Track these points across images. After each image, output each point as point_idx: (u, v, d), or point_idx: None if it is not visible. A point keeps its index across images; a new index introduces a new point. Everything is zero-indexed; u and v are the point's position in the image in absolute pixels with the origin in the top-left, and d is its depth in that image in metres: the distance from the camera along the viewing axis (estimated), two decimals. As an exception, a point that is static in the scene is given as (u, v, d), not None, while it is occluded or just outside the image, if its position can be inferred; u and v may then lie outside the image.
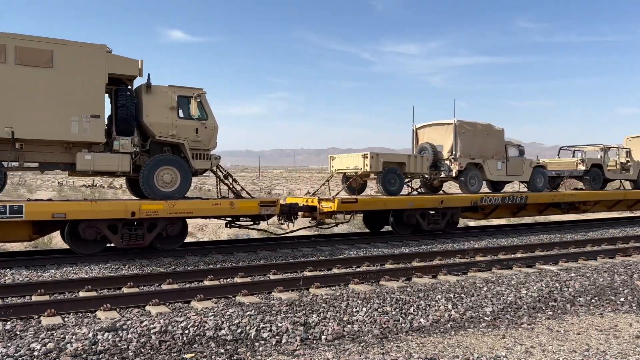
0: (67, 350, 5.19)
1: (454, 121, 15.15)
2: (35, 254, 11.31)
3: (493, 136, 15.85)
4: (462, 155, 15.10)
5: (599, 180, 18.66)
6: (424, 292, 7.51)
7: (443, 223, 14.17)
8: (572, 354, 5.43)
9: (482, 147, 15.61)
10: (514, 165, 16.22)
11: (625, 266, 9.77)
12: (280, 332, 5.86)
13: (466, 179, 15.15)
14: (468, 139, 15.24)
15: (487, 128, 15.80)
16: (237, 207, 11.19)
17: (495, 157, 15.77)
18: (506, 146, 16.12)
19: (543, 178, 16.94)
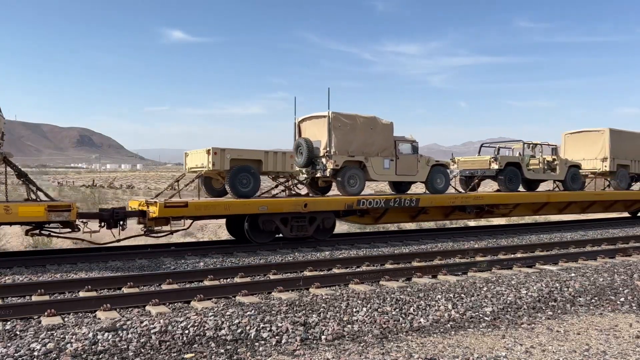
0: (67, 350, 5.19)
1: (327, 113, 13.23)
2: (35, 254, 11.31)
3: (378, 131, 13.85)
4: (338, 151, 13.15)
5: (517, 181, 16.64)
6: (424, 292, 7.51)
7: (311, 229, 12.34)
8: (572, 354, 5.43)
9: (364, 143, 13.61)
10: (406, 163, 14.27)
11: (625, 266, 9.77)
12: (280, 332, 5.86)
13: (344, 179, 13.21)
14: (345, 133, 13.33)
15: (371, 121, 13.81)
16: (15, 213, 9.39)
17: (381, 154, 13.84)
18: (396, 142, 14.17)
19: (444, 178, 14.99)
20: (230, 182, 11.65)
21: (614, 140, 18.66)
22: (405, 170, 14.29)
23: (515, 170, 16.60)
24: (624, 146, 19.04)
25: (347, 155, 13.32)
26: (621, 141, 18.89)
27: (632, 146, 19.51)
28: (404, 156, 14.29)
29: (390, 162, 14.04)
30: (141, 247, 12.33)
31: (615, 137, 18.72)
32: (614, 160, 18.66)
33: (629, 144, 19.30)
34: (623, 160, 19.07)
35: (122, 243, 11.38)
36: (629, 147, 19.28)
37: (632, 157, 19.51)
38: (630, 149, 19.33)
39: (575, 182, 17.75)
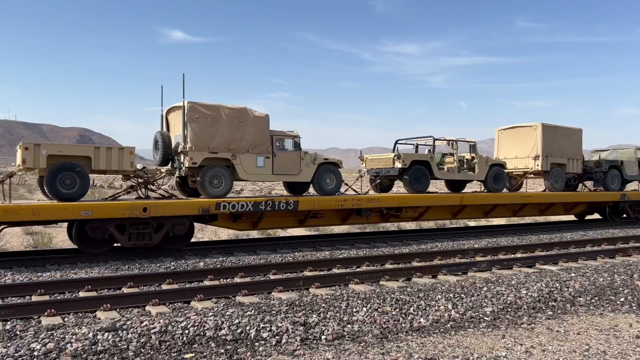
0: (67, 350, 5.19)
1: (183, 103, 11.60)
2: (35, 254, 11.30)
3: (249, 124, 12.18)
4: (195, 147, 11.47)
5: (425, 181, 14.69)
6: (424, 292, 7.51)
7: (157, 237, 10.70)
8: (572, 354, 5.43)
9: (231, 137, 11.96)
10: (286, 161, 12.57)
11: (625, 266, 9.77)
12: (280, 332, 5.86)
13: (204, 179, 11.49)
14: (206, 126, 11.62)
15: (240, 113, 12.13)
16: None
17: (253, 150, 12.18)
18: (273, 137, 12.52)
19: (334, 178, 13.23)
20: (48, 183, 9.99)
21: (548, 136, 16.75)
22: (284, 169, 12.59)
23: (423, 169, 14.62)
24: (560, 143, 17.13)
25: (207, 152, 11.61)
26: (556, 137, 17.03)
27: (570, 143, 17.50)
28: (283, 153, 12.63)
29: (266, 159, 12.33)
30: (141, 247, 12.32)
31: (548, 133, 16.81)
32: (547, 159, 16.69)
33: (565, 141, 17.36)
34: (558, 158, 17.07)
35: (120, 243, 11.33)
36: (565, 144, 17.32)
37: (570, 155, 17.44)
38: (567, 146, 17.36)
39: (497, 182, 15.83)
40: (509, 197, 16.29)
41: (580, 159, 17.73)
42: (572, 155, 17.49)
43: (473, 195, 15.52)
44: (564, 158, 17.29)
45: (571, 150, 17.47)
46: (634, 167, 19.08)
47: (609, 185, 18.02)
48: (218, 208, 11.17)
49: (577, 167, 17.61)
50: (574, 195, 17.73)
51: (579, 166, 17.66)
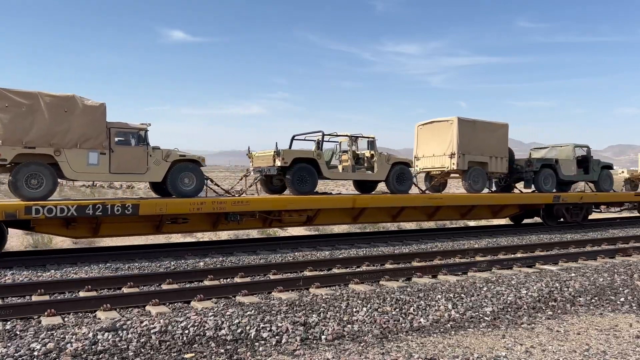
0: (67, 350, 5.19)
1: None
2: (35, 254, 11.31)
3: (78, 115, 10.51)
4: (5, 142, 9.89)
5: (311, 181, 12.97)
6: (424, 292, 7.51)
7: None
8: (572, 354, 5.43)
9: (54, 130, 10.27)
10: (127, 158, 11.03)
11: (625, 266, 9.77)
12: (280, 332, 5.86)
13: (17, 178, 9.96)
14: (18, 117, 10.02)
15: (65, 102, 10.47)
16: None
17: (83, 145, 10.53)
18: (110, 130, 10.87)
19: (194, 178, 11.71)
20: None
21: (465, 132, 15.06)
22: (126, 167, 11.08)
23: (308, 168, 12.94)
24: (480, 140, 15.38)
25: (21, 147, 10.02)
26: (476, 133, 15.33)
27: (493, 139, 15.73)
28: (123, 148, 11.06)
29: (100, 156, 10.76)
30: (141, 247, 12.34)
31: (466, 128, 15.10)
32: (465, 157, 14.99)
33: (487, 137, 15.59)
34: (478, 156, 15.32)
35: (121, 243, 11.32)
36: (487, 141, 15.55)
37: (493, 152, 15.69)
38: (489, 142, 15.61)
39: (401, 183, 14.29)
40: (413, 199, 14.35)
41: (506, 157, 16.00)
42: (495, 152, 15.73)
43: (369, 197, 13.79)
44: (485, 156, 15.49)
45: (494, 148, 15.72)
46: (572, 166, 17.44)
47: (541, 186, 16.55)
48: (29, 212, 9.57)
49: (501, 166, 15.88)
50: (497, 197, 16.08)
51: (503, 165, 15.94)
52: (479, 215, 16.61)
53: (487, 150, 15.58)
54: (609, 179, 18.54)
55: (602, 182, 18.34)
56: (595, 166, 18.18)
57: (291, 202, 12.60)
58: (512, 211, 17.10)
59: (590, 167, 18.04)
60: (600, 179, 18.32)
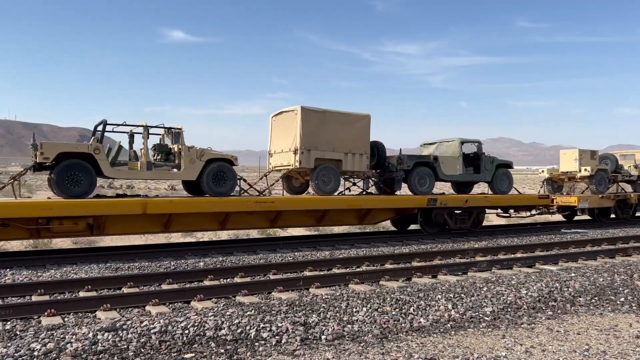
0: (67, 350, 5.19)
1: None
2: (35, 254, 11.31)
3: None
4: None
5: (85, 182, 10.64)
6: (424, 292, 7.51)
7: None
8: (572, 354, 5.43)
9: None
10: None
11: (625, 266, 9.77)
12: (280, 332, 5.86)
13: None
14: None
15: None
16: None
17: None
18: None
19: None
20: None
21: (311, 124, 12.93)
22: None
23: (82, 165, 10.67)
24: (331, 133, 13.25)
25: None
26: (325, 126, 13.18)
27: (348, 133, 13.48)
28: None
29: None
30: (141, 247, 12.35)
31: (312, 120, 12.96)
32: (310, 153, 12.86)
33: (340, 130, 13.38)
34: (328, 152, 13.17)
35: (121, 243, 11.28)
36: (340, 135, 13.37)
37: (348, 148, 13.44)
38: (343, 137, 13.40)
39: (220, 183, 11.93)
40: (235, 203, 11.86)
41: (367, 153, 13.76)
42: (352, 148, 13.49)
43: (168, 201, 11.23)
44: (339, 152, 13.29)
45: (351, 143, 13.50)
46: (456, 165, 15.13)
47: (415, 187, 14.35)
48: None
49: (360, 164, 13.60)
50: (354, 200, 13.51)
51: (363, 163, 13.66)
52: (340, 220, 14.18)
53: (341, 146, 13.35)
54: (506, 179, 16.16)
55: (497, 182, 15.93)
56: (488, 164, 15.83)
57: (53, 208, 10.07)
58: (385, 215, 14.64)
59: (481, 166, 15.66)
60: (496, 180, 15.93)
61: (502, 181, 16.05)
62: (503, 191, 16.05)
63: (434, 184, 14.75)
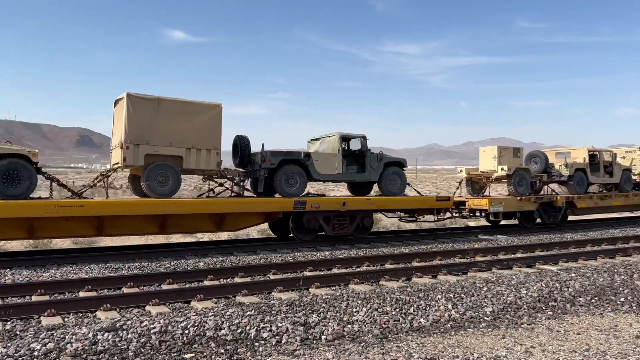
0: (67, 350, 5.19)
1: None
2: (35, 254, 11.31)
3: None
4: None
5: None
6: (424, 292, 7.51)
7: None
8: (572, 354, 5.43)
9: None
10: None
11: (625, 266, 9.77)
12: (280, 332, 5.86)
13: None
14: None
15: None
16: None
17: None
18: None
19: None
20: None
21: (141, 114, 11.14)
22: None
23: None
24: (168, 125, 11.42)
25: None
26: (160, 117, 11.34)
27: (191, 126, 11.70)
28: None
29: None
30: (141, 247, 12.35)
31: (143, 110, 11.18)
32: (139, 148, 11.08)
33: (181, 123, 11.58)
34: (164, 147, 11.36)
35: (121, 243, 11.28)
36: (181, 128, 11.57)
37: (192, 143, 11.64)
38: (184, 130, 11.59)
39: (12, 184, 10.12)
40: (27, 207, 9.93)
41: (217, 149, 12.03)
42: (197, 143, 11.71)
43: None
44: (179, 147, 11.51)
45: (196, 137, 11.71)
46: (334, 163, 13.44)
47: (281, 188, 12.64)
48: None
49: (208, 162, 11.85)
50: (197, 204, 11.64)
51: (212, 160, 11.88)
52: (192, 226, 12.11)
53: (182, 140, 11.58)
54: (397, 179, 14.30)
55: (386, 183, 14.16)
56: (375, 162, 14.03)
57: None
58: (251, 220, 12.75)
59: (366, 164, 13.92)
60: (384, 180, 14.13)
61: (392, 181, 14.22)
62: (394, 192, 14.21)
63: (305, 184, 13.01)
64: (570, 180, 17.64)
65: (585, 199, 17.80)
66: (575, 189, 17.61)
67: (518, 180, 16.31)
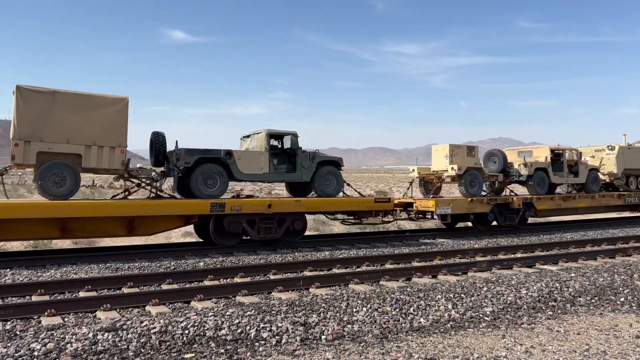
0: (67, 350, 5.19)
1: None
2: (35, 254, 11.31)
3: None
4: None
5: None
6: (424, 292, 7.51)
7: None
8: (572, 354, 5.43)
9: None
10: None
11: (625, 266, 9.77)
12: (280, 332, 5.86)
13: None
14: None
15: None
16: None
17: None
18: None
19: None
20: None
21: (31, 108, 10.29)
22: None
23: None
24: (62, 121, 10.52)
25: None
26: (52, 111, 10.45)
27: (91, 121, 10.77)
28: None
29: None
30: (141, 247, 12.35)
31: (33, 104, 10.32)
32: (30, 145, 10.23)
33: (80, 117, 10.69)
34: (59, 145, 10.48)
35: (121, 243, 11.26)
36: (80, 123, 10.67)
37: (92, 139, 10.75)
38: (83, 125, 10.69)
39: None
40: None
41: (122, 146, 11.11)
42: (99, 140, 10.79)
43: None
44: (76, 144, 10.61)
45: (98, 133, 10.79)
46: (260, 161, 12.62)
47: (197, 189, 11.74)
48: None
49: (111, 160, 10.95)
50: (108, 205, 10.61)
51: (116, 158, 10.96)
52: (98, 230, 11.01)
53: (80, 137, 10.64)
54: (332, 179, 13.38)
55: (320, 183, 13.22)
56: (306, 161, 13.14)
57: None
58: (169, 224, 11.62)
59: (297, 163, 13.07)
60: (317, 180, 13.19)
61: (326, 182, 13.29)
62: (328, 193, 13.29)
63: (226, 185, 12.16)
64: (530, 180, 16.62)
65: (546, 200, 16.66)
66: (535, 189, 16.61)
67: (470, 181, 15.37)
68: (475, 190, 15.51)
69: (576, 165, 17.78)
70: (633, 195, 19.22)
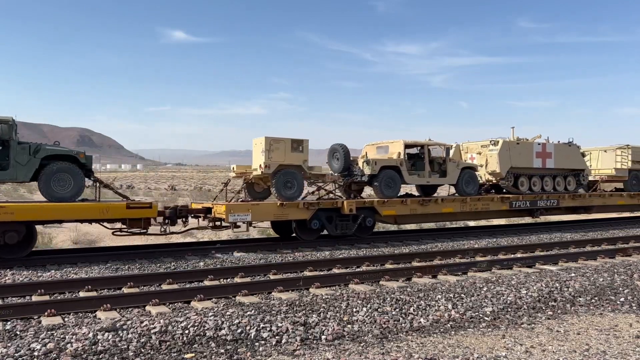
0: (67, 350, 5.19)
1: None
2: (35, 254, 11.29)
3: None
4: None
5: None
6: (424, 292, 7.51)
7: None
8: (572, 354, 5.43)
9: None
10: None
11: (625, 266, 9.77)
12: (280, 332, 5.86)
13: None
14: None
15: None
16: None
17: None
18: None
19: None
20: None
21: None
22: None
23: None
24: None
25: None
26: None
27: None
28: None
29: None
30: (142, 247, 12.34)
31: None
32: None
33: None
34: None
35: (121, 243, 11.26)
36: None
37: None
38: None
39: None
40: None
41: None
42: None
43: None
44: None
45: None
46: None
47: None
48: None
49: None
50: None
51: None
52: None
53: None
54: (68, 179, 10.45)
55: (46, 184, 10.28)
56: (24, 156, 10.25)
57: None
58: None
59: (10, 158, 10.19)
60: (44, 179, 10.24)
61: (59, 181, 10.40)
62: (60, 197, 10.35)
63: None
64: (375, 180, 13.63)
65: (395, 204, 13.66)
66: (381, 191, 13.63)
67: (284, 181, 12.35)
68: (291, 193, 12.47)
69: (444, 163, 14.82)
70: (522, 198, 15.99)
